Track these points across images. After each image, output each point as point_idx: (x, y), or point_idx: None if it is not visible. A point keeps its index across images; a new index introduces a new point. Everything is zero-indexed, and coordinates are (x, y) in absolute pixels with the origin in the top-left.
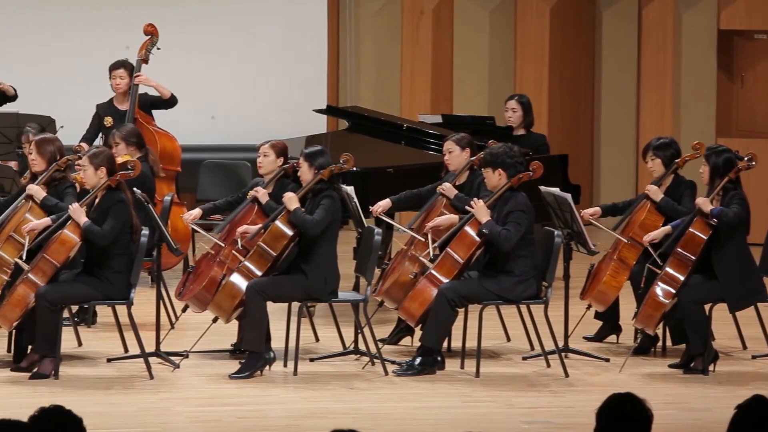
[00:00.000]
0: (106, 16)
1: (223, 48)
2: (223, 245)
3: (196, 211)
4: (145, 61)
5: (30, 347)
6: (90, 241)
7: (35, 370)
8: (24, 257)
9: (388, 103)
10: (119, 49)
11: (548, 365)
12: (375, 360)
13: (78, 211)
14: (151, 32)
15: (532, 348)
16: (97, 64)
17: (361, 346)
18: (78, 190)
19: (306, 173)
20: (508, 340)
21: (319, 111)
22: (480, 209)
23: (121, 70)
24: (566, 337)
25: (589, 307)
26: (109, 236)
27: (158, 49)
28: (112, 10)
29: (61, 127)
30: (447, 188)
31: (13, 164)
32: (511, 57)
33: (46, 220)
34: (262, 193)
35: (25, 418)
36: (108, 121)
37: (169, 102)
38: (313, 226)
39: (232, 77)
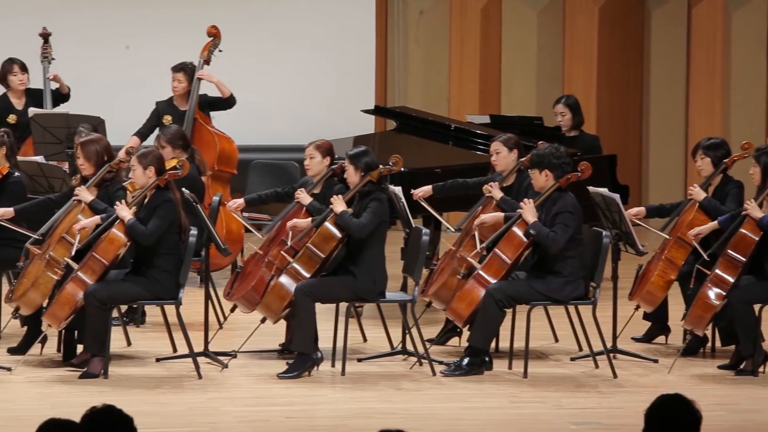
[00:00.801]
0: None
1: (271, 49)
2: (254, 231)
3: (240, 201)
4: (207, 62)
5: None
6: (135, 239)
7: (85, 369)
8: (74, 256)
9: (436, 103)
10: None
11: (596, 366)
12: (423, 360)
13: (123, 208)
14: (214, 34)
15: (581, 349)
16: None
17: (409, 347)
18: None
19: (352, 175)
20: (556, 340)
21: (367, 111)
22: (528, 209)
23: (180, 74)
24: (614, 337)
25: (637, 307)
26: (153, 236)
27: (220, 51)
28: (161, 10)
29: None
30: (493, 188)
31: (63, 164)
32: (560, 57)
33: (96, 218)
34: (303, 197)
35: (74, 417)
36: (167, 119)
37: (228, 102)
38: (359, 230)
39: (280, 78)
